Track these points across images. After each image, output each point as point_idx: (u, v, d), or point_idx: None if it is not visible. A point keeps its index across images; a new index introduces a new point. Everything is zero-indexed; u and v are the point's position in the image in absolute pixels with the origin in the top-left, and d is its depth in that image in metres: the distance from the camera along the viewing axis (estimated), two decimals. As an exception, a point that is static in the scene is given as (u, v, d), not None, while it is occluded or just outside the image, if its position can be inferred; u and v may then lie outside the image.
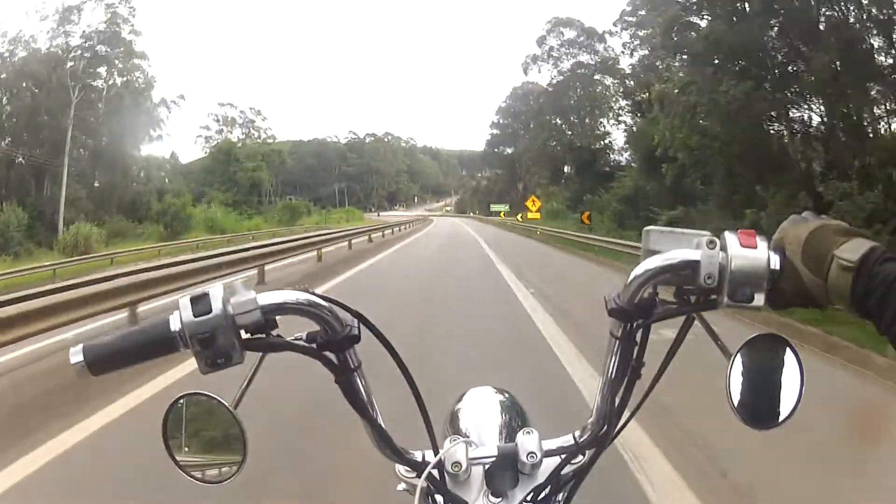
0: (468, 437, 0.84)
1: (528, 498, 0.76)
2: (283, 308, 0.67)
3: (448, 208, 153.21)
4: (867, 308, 0.62)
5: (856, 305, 0.62)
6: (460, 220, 72.88)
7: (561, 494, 0.79)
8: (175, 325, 0.64)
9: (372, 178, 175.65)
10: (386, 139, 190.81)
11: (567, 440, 0.80)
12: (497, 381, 1.09)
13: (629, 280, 0.69)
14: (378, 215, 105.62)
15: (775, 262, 0.66)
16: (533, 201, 37.79)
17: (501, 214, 64.32)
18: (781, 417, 0.70)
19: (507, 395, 1.03)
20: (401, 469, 0.81)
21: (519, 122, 69.19)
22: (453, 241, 29.10)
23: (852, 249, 0.62)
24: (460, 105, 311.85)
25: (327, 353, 0.70)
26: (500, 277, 13.35)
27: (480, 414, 0.96)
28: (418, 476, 0.76)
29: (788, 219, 0.69)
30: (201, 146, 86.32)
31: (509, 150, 73.56)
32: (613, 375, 0.74)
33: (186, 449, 0.68)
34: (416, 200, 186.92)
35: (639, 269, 0.69)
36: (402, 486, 0.84)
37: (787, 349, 0.71)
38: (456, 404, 1.00)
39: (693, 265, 0.66)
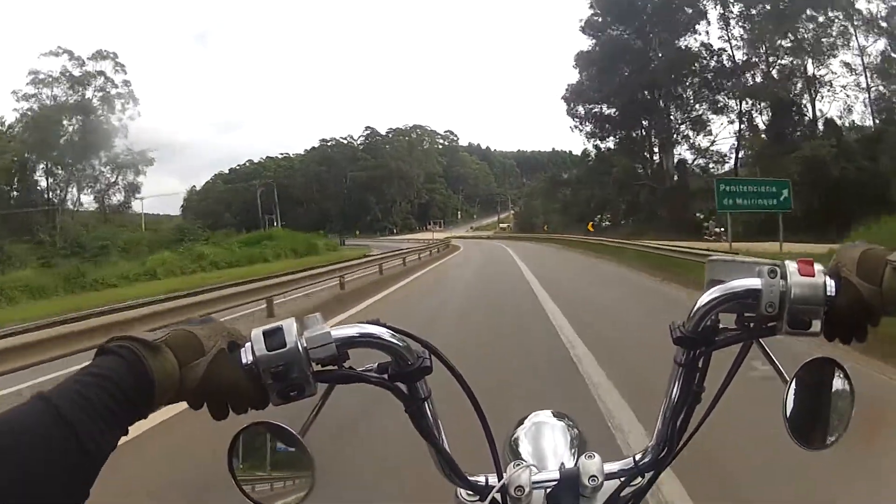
0: (530, 461, 0.86)
1: None
2: (356, 341, 0.69)
3: (504, 225, 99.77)
4: None
5: None
6: (554, 259, 29.41)
7: None
8: (247, 358, 0.65)
9: (392, 187, 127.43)
10: (413, 133, 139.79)
11: (627, 463, 0.81)
12: None
13: (694, 309, 0.72)
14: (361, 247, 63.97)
15: (831, 288, 0.67)
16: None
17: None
18: (830, 440, 0.72)
19: (566, 418, 1.02)
20: (463, 494, 0.83)
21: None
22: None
23: None
24: (515, 94, 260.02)
25: (398, 384, 0.72)
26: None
27: (541, 438, 0.96)
28: (481, 500, 0.78)
29: (842, 245, 0.71)
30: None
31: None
32: (676, 400, 0.76)
33: (254, 478, 0.69)
34: (458, 216, 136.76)
35: (703, 299, 0.71)
36: None
37: (838, 371, 0.73)
38: (516, 428, 1.00)
39: (755, 293, 0.69)
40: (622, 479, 0.79)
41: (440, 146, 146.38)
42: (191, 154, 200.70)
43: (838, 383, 0.72)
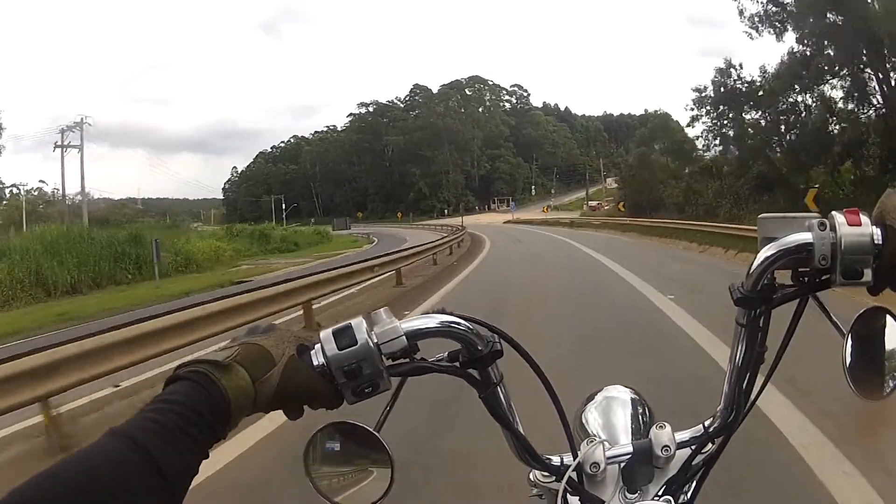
0: (600, 436, 0.85)
1: (661, 491, 0.78)
2: (426, 332, 0.69)
3: (594, 203, 68.96)
4: None
5: None
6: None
7: (691, 483, 0.81)
8: (318, 360, 0.65)
9: (441, 153, 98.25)
10: (471, 88, 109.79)
11: (697, 430, 0.81)
12: None
13: (751, 269, 0.72)
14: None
15: (878, 236, 0.67)
16: None
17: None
18: (888, 389, 0.73)
19: (632, 391, 1.01)
20: (537, 475, 0.83)
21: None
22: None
23: None
24: (598, 43, 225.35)
25: (470, 371, 0.73)
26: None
27: (609, 413, 0.95)
28: (557, 480, 0.78)
29: (885, 193, 0.71)
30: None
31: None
32: (740, 362, 0.77)
33: (332, 478, 0.69)
34: (532, 191, 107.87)
35: (759, 257, 0.71)
36: (534, 492, 0.86)
37: (892, 319, 0.73)
38: (584, 405, 0.98)
39: (807, 248, 0.69)
40: (693, 446, 0.79)
41: (506, 105, 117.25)
42: (240, 133, 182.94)
43: (892, 331, 0.73)
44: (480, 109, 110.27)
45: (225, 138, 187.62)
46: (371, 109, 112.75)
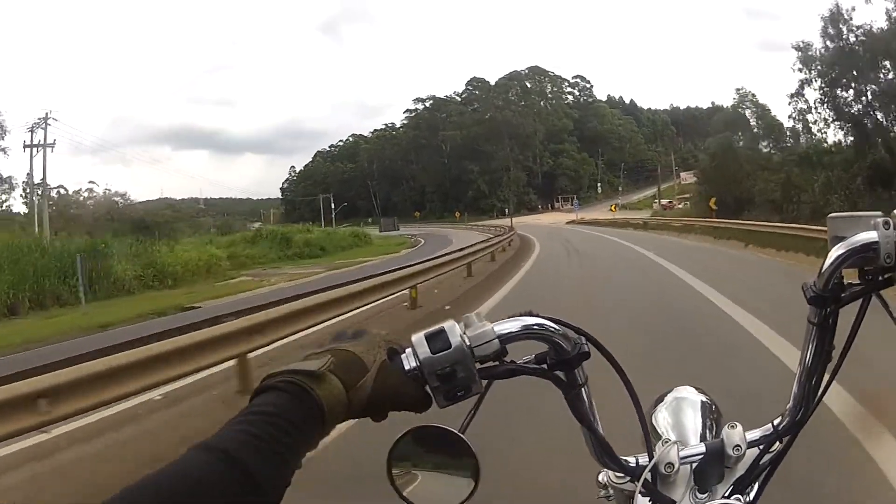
0: (672, 437, 0.88)
1: (729, 491, 0.80)
2: (517, 335, 0.70)
3: (665, 202, 63.87)
4: None
5: None
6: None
7: (758, 482, 0.82)
8: (410, 364, 0.66)
9: (501, 149, 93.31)
10: (531, 80, 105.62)
11: (767, 429, 0.82)
12: None
13: (823, 268, 0.74)
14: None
15: None
16: None
17: None
18: None
19: (702, 392, 1.02)
20: (610, 475, 0.85)
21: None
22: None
23: None
24: (663, 32, 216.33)
25: (557, 373, 0.74)
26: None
27: (680, 414, 0.97)
28: (632, 480, 0.80)
29: None
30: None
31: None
32: (810, 361, 0.78)
33: (415, 482, 0.69)
34: (598, 188, 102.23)
35: (830, 257, 0.73)
36: (602, 494, 0.89)
37: None
38: (655, 406, 1.00)
39: (873, 246, 0.71)
40: (761, 445, 0.80)
41: (569, 98, 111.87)
42: (305, 133, 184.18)
43: None
44: (542, 103, 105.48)
45: (290, 139, 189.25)
46: (428, 105, 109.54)
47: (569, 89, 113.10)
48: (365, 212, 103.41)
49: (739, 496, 0.78)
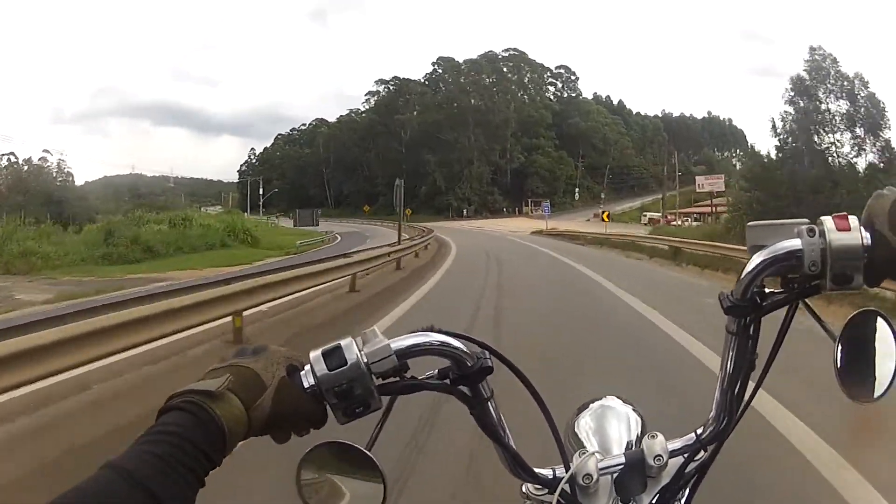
0: (593, 447, 0.87)
1: (655, 500, 0.79)
2: (416, 350, 0.69)
3: (657, 216, 49.19)
4: None
5: None
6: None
7: (685, 491, 0.82)
8: (308, 382, 0.65)
9: (464, 137, 79.61)
10: (508, 65, 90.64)
11: (689, 438, 0.82)
12: None
13: (741, 277, 0.73)
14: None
15: (867, 239, 0.68)
16: None
17: None
18: (878, 392, 0.73)
19: (624, 401, 1.02)
20: (530, 488, 0.82)
21: None
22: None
23: None
24: (657, 31, 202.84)
25: (461, 387, 0.73)
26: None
27: (602, 424, 0.96)
28: (550, 493, 0.78)
29: (873, 196, 0.70)
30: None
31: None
32: (731, 370, 0.77)
33: (323, 498, 0.69)
34: (576, 194, 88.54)
35: (749, 266, 0.72)
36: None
37: (882, 322, 0.74)
38: (576, 416, 0.99)
39: (797, 254, 0.69)
40: (685, 455, 0.79)
41: (550, 89, 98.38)
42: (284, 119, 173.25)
43: (883, 334, 0.73)
44: (520, 93, 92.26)
45: (270, 123, 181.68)
46: (391, 87, 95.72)
47: (551, 79, 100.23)
48: (318, 202, 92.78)
49: None
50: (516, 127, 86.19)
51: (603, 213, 47.40)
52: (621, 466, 0.79)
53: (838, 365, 0.72)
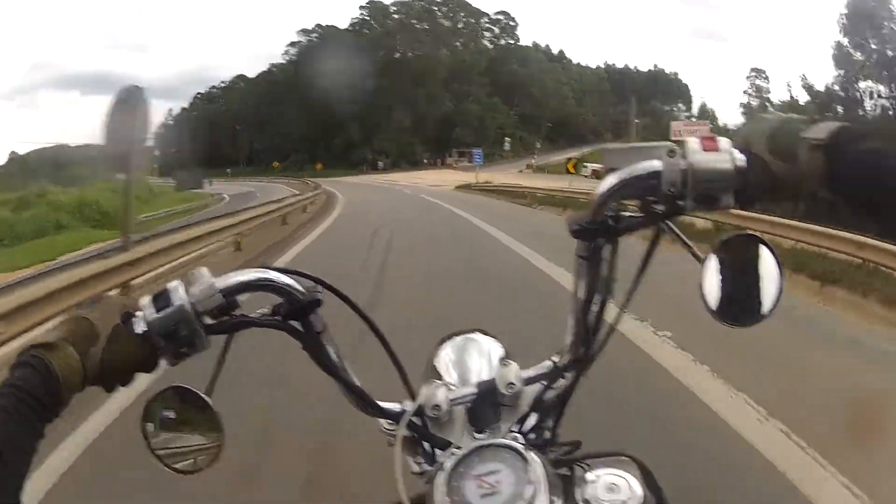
0: (452, 379, 0.86)
1: (515, 428, 0.78)
2: (242, 287, 0.68)
3: (599, 167, 40.35)
4: (841, 185, 0.63)
5: (829, 183, 0.63)
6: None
7: (549, 420, 0.80)
8: (140, 328, 0.65)
9: (384, 84, 70.13)
10: (440, 10, 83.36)
11: (545, 366, 0.81)
12: None
13: (593, 200, 0.71)
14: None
15: (741, 159, 0.66)
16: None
17: None
18: (764, 311, 0.71)
19: (485, 334, 0.98)
20: (383, 423, 0.82)
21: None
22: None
23: (822, 129, 0.64)
24: None
25: (292, 323, 0.71)
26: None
27: (462, 358, 0.93)
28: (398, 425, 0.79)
29: (748, 120, 0.73)
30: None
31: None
32: (583, 296, 0.76)
33: (166, 443, 0.69)
34: (506, 144, 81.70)
35: (602, 187, 0.70)
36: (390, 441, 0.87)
37: (762, 246, 0.72)
38: (435, 351, 0.96)
39: (656, 175, 0.67)
40: (544, 382, 0.79)
41: (487, 35, 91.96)
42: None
43: (762, 257, 0.71)
44: (454, 40, 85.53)
45: (199, 85, 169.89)
46: (314, 38, 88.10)
47: (488, 24, 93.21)
48: (230, 161, 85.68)
49: (518, 434, 0.75)
50: (447, 73, 79.96)
51: (568, 161, 38.30)
52: (473, 396, 0.77)
53: (706, 286, 0.69)
